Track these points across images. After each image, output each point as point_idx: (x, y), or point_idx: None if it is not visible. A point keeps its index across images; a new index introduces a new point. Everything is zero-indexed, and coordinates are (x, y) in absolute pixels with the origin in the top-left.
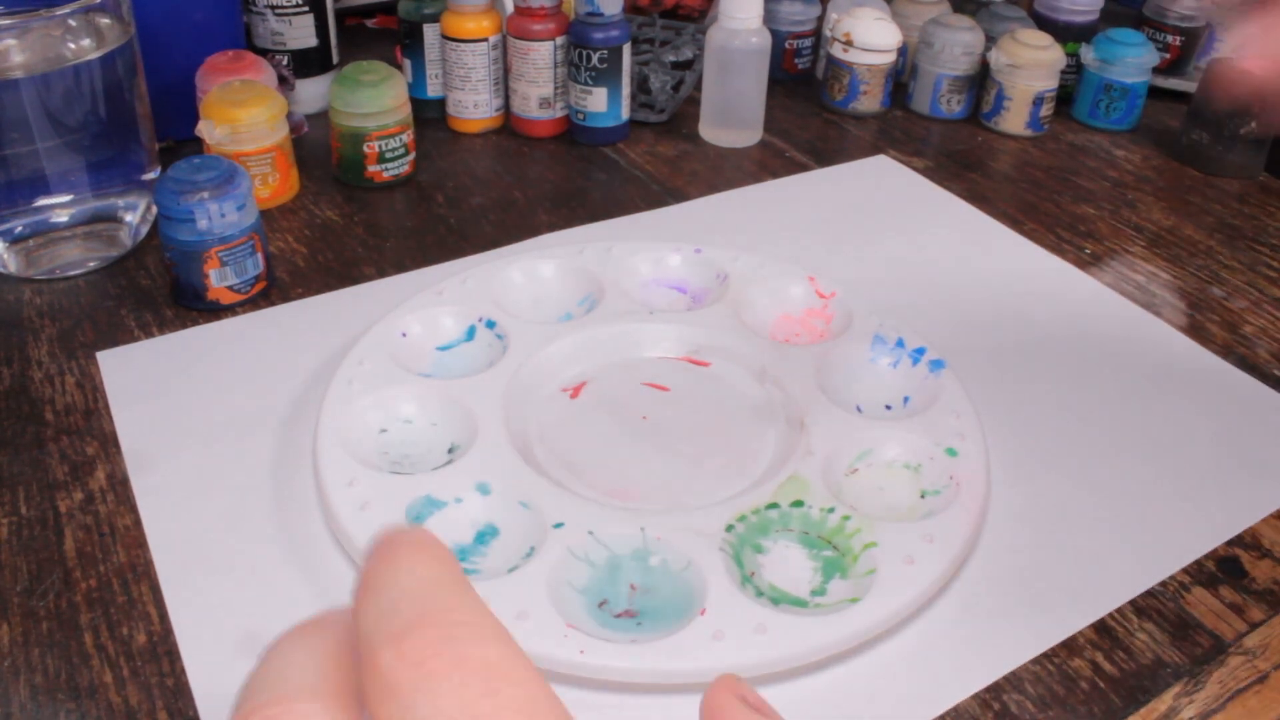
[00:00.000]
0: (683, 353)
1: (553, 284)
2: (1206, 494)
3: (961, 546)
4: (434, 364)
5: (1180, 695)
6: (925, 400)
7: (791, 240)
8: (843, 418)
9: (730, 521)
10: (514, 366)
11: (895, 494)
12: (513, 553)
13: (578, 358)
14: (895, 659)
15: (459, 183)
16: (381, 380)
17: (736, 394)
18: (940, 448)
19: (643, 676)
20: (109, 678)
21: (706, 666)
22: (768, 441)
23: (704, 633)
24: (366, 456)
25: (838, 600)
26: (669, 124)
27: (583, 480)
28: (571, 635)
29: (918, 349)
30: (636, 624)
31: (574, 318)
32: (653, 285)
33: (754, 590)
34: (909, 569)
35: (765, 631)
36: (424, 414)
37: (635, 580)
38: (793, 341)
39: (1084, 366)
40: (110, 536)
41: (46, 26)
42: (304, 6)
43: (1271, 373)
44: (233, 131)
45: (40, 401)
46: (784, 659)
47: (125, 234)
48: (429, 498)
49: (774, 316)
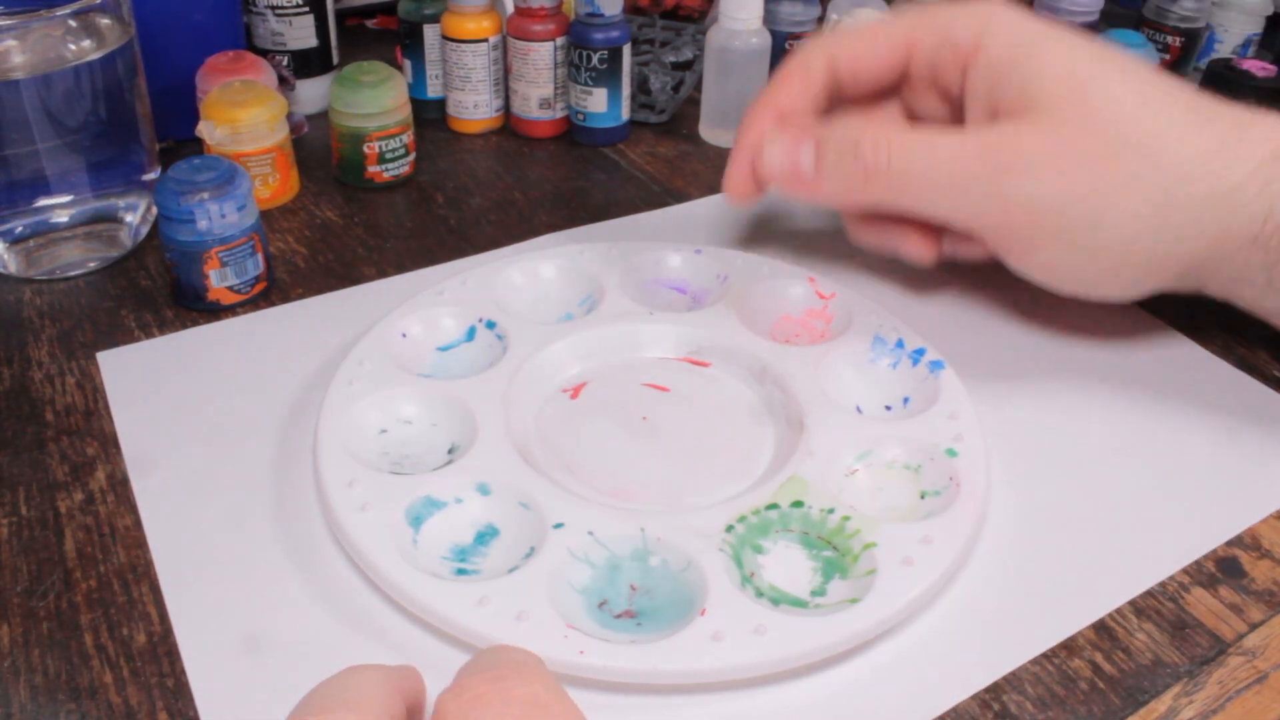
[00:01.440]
0: (683, 353)
1: (553, 284)
2: (1206, 494)
3: (961, 547)
4: (434, 364)
5: (1180, 695)
6: (925, 401)
7: (791, 240)
8: (843, 418)
9: (730, 522)
10: (514, 367)
11: (895, 494)
12: (513, 553)
13: (578, 358)
14: (895, 659)
15: (459, 183)
16: (382, 381)
17: (736, 394)
18: (940, 448)
19: (642, 677)
20: (109, 678)
21: (705, 667)
22: (767, 442)
23: (703, 633)
24: (366, 457)
25: (838, 601)
26: (669, 124)
27: (583, 481)
28: (571, 636)
29: (918, 349)
30: (636, 624)
31: (574, 318)
32: (653, 286)
33: (754, 591)
34: (908, 570)
35: (765, 632)
36: (424, 414)
37: (635, 581)
38: (793, 342)
39: (1083, 366)
40: (110, 537)
41: (46, 27)
42: (304, 7)
43: (1271, 373)
44: (233, 132)
45: (40, 402)
46: (783, 659)
47: (125, 234)
48: (429, 498)
49: (774, 317)
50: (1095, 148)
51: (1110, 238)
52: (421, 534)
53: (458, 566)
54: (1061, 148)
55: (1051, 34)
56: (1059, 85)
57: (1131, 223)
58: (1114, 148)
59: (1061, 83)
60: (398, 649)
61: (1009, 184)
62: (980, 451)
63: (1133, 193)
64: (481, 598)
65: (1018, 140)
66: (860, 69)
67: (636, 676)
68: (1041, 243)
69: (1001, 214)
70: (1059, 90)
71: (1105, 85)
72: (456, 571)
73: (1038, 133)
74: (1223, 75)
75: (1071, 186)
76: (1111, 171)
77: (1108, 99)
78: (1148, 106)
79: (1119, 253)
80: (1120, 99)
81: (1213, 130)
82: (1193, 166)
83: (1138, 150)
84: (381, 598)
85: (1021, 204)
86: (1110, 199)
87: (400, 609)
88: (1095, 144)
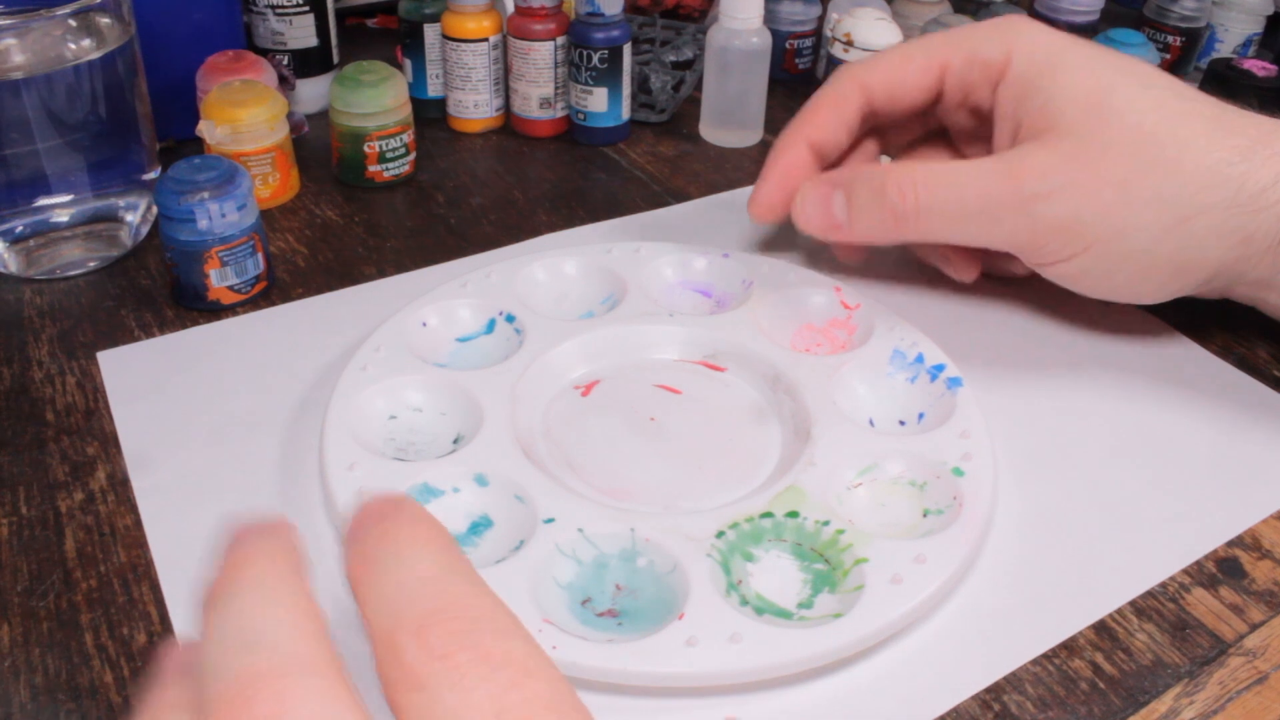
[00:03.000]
0: (699, 357)
1: (577, 282)
2: (1206, 494)
3: (954, 569)
4: (451, 354)
5: (1180, 696)
6: (940, 417)
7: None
8: (850, 431)
9: (722, 528)
10: (527, 361)
11: (897, 511)
12: (504, 545)
13: (593, 356)
14: (895, 659)
15: (459, 183)
16: (396, 368)
17: (747, 401)
18: (947, 467)
19: (611, 676)
20: (109, 678)
21: (676, 671)
22: (773, 450)
23: (678, 637)
24: (373, 441)
25: (822, 614)
26: (669, 124)
27: (582, 478)
28: (546, 630)
29: (937, 365)
30: (617, 624)
31: (595, 316)
32: (678, 288)
33: (739, 598)
34: (895, 588)
35: (739, 641)
36: (434, 403)
37: (620, 580)
38: (813, 351)
39: (1083, 364)
40: (110, 536)
41: (46, 26)
42: (304, 6)
43: (1271, 373)
44: (233, 131)
45: (41, 401)
46: (756, 669)
47: (125, 234)
48: (426, 485)
49: (796, 325)
50: (1117, 167)
51: (1135, 246)
52: None
53: None
54: (1084, 169)
55: (1072, 48)
56: (1079, 104)
57: (1155, 232)
58: (1135, 164)
59: (1082, 101)
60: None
61: (1035, 209)
62: (988, 472)
63: (1155, 206)
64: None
65: (1041, 164)
66: (895, 94)
67: (605, 675)
68: (1072, 255)
69: (1030, 234)
70: (1080, 109)
71: (1126, 101)
72: None
73: (1060, 155)
74: (1223, 75)
75: (1096, 204)
76: (1134, 187)
77: (1128, 115)
78: (1169, 121)
79: (1145, 260)
80: (1141, 114)
81: (1235, 141)
82: (1214, 174)
83: (1158, 165)
84: None
85: (1050, 224)
86: (1134, 212)
87: None
88: (1117, 163)
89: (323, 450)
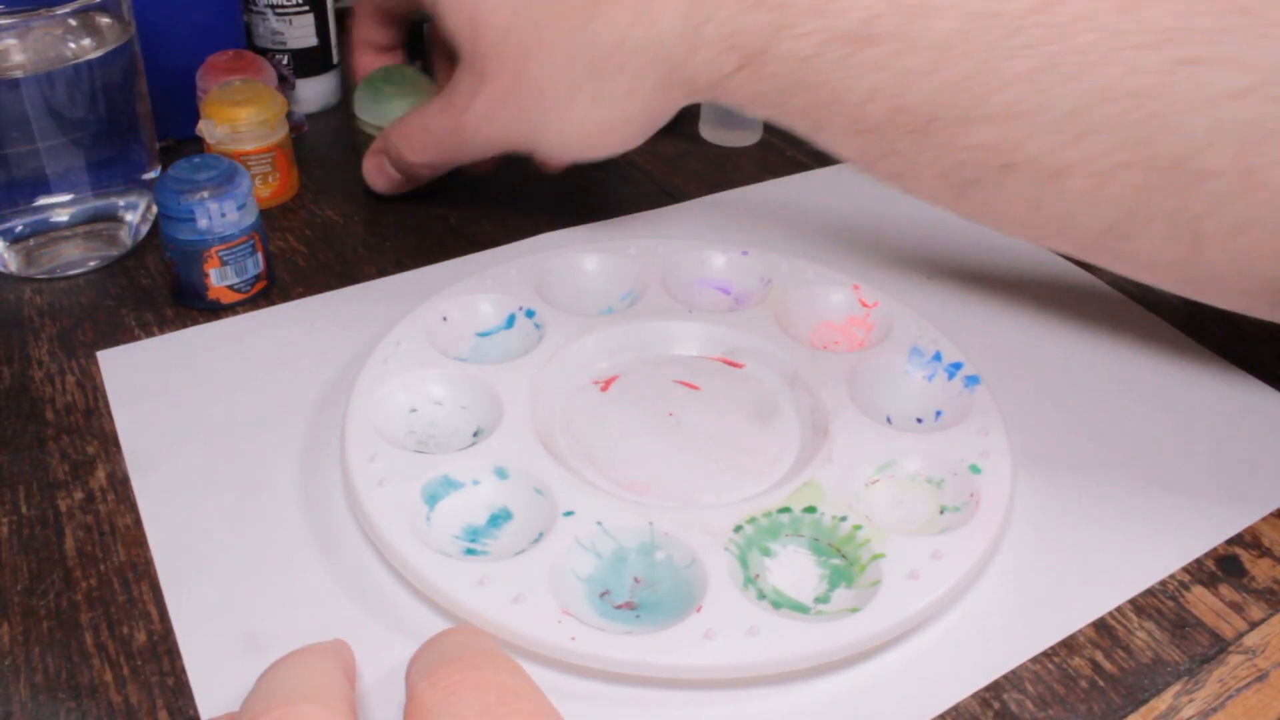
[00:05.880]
0: (718, 353)
1: (597, 278)
2: (1206, 493)
3: (970, 566)
4: (472, 349)
5: (1180, 694)
6: (957, 415)
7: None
8: (868, 427)
9: (739, 522)
10: (547, 356)
11: (914, 508)
12: (524, 538)
13: (613, 351)
14: (895, 659)
15: (459, 182)
16: (417, 361)
17: (765, 397)
18: (964, 464)
19: (629, 668)
20: (109, 677)
21: (693, 663)
22: (791, 446)
23: (696, 630)
24: (393, 434)
25: (839, 609)
26: (669, 123)
27: (601, 472)
28: (565, 621)
29: (955, 363)
30: (635, 616)
31: (615, 312)
32: (697, 285)
33: (756, 592)
34: (912, 584)
35: (757, 634)
36: (454, 397)
37: (639, 573)
38: (831, 348)
39: (1084, 364)
40: (110, 535)
41: (47, 26)
42: (304, 6)
43: (1272, 373)
44: (233, 131)
45: (41, 401)
46: (773, 662)
47: (125, 233)
48: (446, 477)
49: (815, 323)
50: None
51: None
52: (436, 512)
53: (468, 546)
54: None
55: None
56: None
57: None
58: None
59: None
60: (394, 648)
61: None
62: (1005, 468)
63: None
64: (482, 578)
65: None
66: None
67: (624, 667)
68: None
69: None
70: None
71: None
72: (466, 551)
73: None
74: None
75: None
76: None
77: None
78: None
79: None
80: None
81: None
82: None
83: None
84: (381, 595)
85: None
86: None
87: (403, 605)
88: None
89: (344, 441)
